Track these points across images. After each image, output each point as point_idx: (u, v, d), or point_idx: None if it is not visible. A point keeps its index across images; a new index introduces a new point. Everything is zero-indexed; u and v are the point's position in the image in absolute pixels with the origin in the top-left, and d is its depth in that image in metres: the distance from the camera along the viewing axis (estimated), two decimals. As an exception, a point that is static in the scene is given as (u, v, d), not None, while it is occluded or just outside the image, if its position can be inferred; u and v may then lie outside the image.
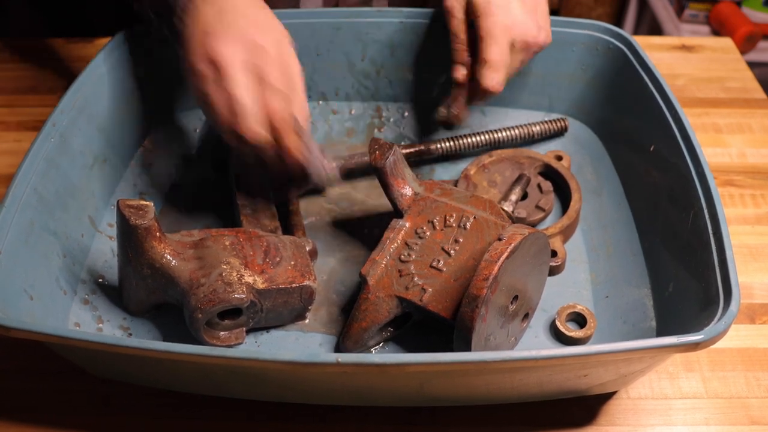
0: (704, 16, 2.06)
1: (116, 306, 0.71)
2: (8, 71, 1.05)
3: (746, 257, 0.78)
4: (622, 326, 0.68)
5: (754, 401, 0.66)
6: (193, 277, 0.65)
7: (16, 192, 0.66)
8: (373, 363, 0.53)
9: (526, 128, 0.86)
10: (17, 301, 0.62)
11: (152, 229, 0.64)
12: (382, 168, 0.70)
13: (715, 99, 1.00)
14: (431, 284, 0.65)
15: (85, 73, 0.78)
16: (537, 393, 0.63)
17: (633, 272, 0.72)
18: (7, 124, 0.97)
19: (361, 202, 0.83)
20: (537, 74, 0.88)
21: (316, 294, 0.69)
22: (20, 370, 0.69)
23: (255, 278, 0.66)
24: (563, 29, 0.85)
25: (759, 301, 0.74)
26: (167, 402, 0.66)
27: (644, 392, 0.67)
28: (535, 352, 0.52)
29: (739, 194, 0.86)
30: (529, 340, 0.69)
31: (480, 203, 0.70)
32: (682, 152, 0.70)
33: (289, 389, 0.62)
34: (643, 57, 0.80)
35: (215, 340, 0.65)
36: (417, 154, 0.85)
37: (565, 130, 0.87)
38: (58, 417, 0.65)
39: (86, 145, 0.77)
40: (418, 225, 0.69)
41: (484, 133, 0.86)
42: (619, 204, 0.79)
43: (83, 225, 0.74)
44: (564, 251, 0.75)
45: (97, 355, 0.60)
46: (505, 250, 0.60)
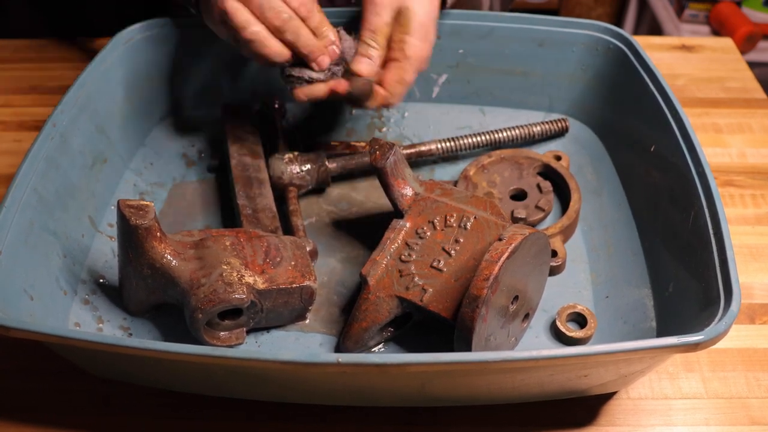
0: (704, 16, 2.07)
1: (116, 306, 0.71)
2: (8, 71, 1.05)
3: (746, 257, 0.78)
4: (622, 326, 0.68)
5: (754, 401, 0.66)
6: (194, 277, 0.65)
7: (16, 192, 0.66)
8: (374, 363, 0.53)
9: (527, 128, 0.86)
10: (17, 301, 0.61)
11: (153, 229, 0.64)
12: (382, 168, 0.70)
13: (716, 99, 1.00)
14: (432, 284, 0.65)
15: (85, 74, 0.78)
16: (537, 393, 0.63)
17: (633, 272, 0.72)
18: (7, 124, 0.97)
19: (361, 203, 0.83)
20: (537, 74, 0.88)
21: (316, 294, 0.69)
22: (20, 370, 0.69)
23: (255, 278, 0.66)
24: (563, 29, 0.85)
25: (759, 302, 0.74)
26: (167, 402, 0.66)
27: (644, 392, 0.67)
28: (536, 352, 0.52)
29: (739, 194, 0.86)
30: (529, 341, 0.69)
31: (480, 203, 0.70)
32: (682, 152, 0.70)
33: (289, 389, 0.62)
34: (644, 57, 0.80)
35: (215, 340, 0.65)
36: (417, 155, 0.85)
37: (566, 131, 0.87)
38: (58, 417, 0.65)
39: (86, 145, 0.77)
40: (419, 225, 0.69)
41: (484, 133, 0.86)
42: (619, 204, 0.79)
43: (83, 225, 0.74)
44: (564, 251, 0.75)
45: (97, 355, 0.60)
46: (506, 250, 0.60)
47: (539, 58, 0.87)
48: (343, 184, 0.85)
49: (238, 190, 0.77)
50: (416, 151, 0.85)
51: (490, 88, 0.90)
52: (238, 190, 0.77)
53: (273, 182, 0.79)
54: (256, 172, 0.79)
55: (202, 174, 0.86)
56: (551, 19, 0.86)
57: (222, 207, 0.82)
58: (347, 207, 0.83)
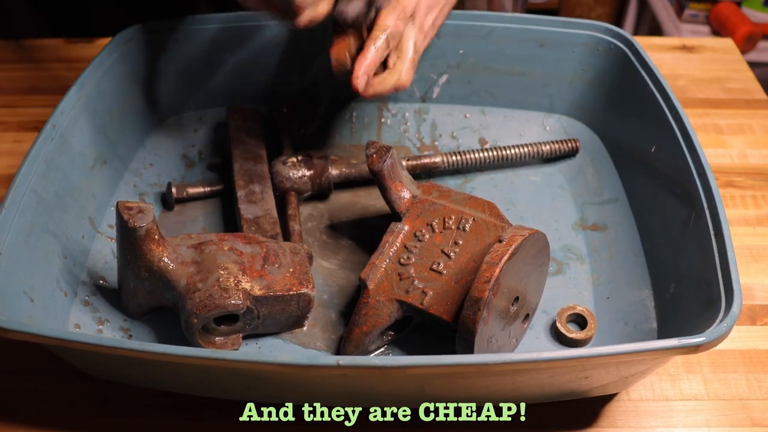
0: (704, 16, 2.07)
1: (116, 307, 0.71)
2: (8, 71, 1.05)
3: (747, 258, 0.78)
4: (623, 328, 0.68)
5: (755, 403, 0.66)
6: (191, 281, 0.64)
7: (15, 193, 0.65)
8: (374, 365, 0.52)
9: (536, 147, 0.85)
10: (17, 302, 0.61)
11: (151, 231, 0.64)
12: (379, 171, 0.70)
13: (716, 100, 1.00)
14: (432, 287, 0.65)
15: (86, 74, 0.78)
16: (538, 395, 0.63)
17: (634, 273, 0.72)
18: (7, 125, 0.97)
19: (359, 207, 0.83)
20: (537, 74, 0.88)
21: (314, 302, 0.68)
22: (20, 372, 0.69)
23: (252, 284, 0.65)
24: (563, 29, 0.85)
25: (760, 303, 0.74)
26: (167, 403, 0.66)
27: (645, 394, 0.67)
28: (536, 354, 0.52)
29: (740, 195, 0.86)
30: (529, 342, 0.69)
31: (478, 205, 0.70)
32: (683, 153, 0.70)
33: (289, 392, 0.62)
34: (644, 57, 0.80)
35: (211, 345, 0.65)
36: (422, 167, 0.84)
37: (577, 151, 0.86)
38: (58, 418, 0.65)
39: (86, 146, 0.77)
40: (417, 228, 0.69)
41: (493, 149, 0.85)
42: (620, 205, 0.79)
43: (83, 226, 0.74)
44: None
45: (97, 357, 0.60)
46: (506, 251, 0.60)
47: (540, 59, 0.87)
48: (345, 190, 0.85)
49: (239, 194, 0.77)
50: (421, 164, 0.84)
51: (491, 88, 0.90)
52: (239, 194, 0.77)
53: (274, 186, 0.79)
54: (258, 176, 0.79)
55: (202, 175, 0.86)
56: (552, 19, 0.86)
57: (223, 210, 0.82)
58: (345, 210, 0.82)
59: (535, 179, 0.86)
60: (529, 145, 0.85)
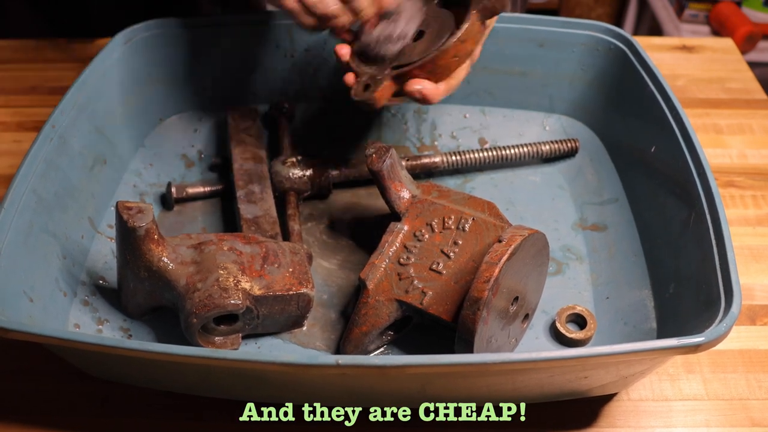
0: (704, 16, 2.07)
1: (116, 307, 0.71)
2: (8, 71, 1.05)
3: (747, 258, 0.78)
4: (622, 327, 0.68)
5: (755, 403, 0.66)
6: (190, 281, 0.64)
7: (15, 193, 0.65)
8: (374, 365, 0.53)
9: (536, 147, 0.85)
10: (17, 302, 0.61)
11: (150, 231, 0.64)
12: (378, 171, 0.70)
13: (716, 100, 1.00)
14: (431, 287, 0.65)
15: (85, 74, 0.78)
16: (537, 395, 0.63)
17: (634, 273, 0.72)
18: (6, 125, 0.97)
19: (359, 207, 0.83)
20: (537, 74, 0.88)
21: (313, 302, 0.68)
22: (20, 372, 0.69)
23: (252, 284, 0.65)
24: (563, 29, 0.85)
25: (760, 303, 0.74)
26: (167, 403, 0.66)
27: (645, 394, 0.67)
28: (536, 354, 0.52)
29: (739, 195, 0.86)
30: (529, 342, 0.69)
31: (478, 205, 0.70)
32: (683, 153, 0.70)
33: (289, 392, 0.62)
34: (644, 57, 0.80)
35: (211, 345, 0.65)
36: (421, 167, 0.84)
37: (576, 151, 0.86)
38: (58, 418, 0.65)
39: (86, 146, 0.76)
40: (417, 228, 0.69)
41: (493, 149, 0.85)
42: (620, 205, 0.79)
43: (83, 226, 0.74)
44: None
45: (97, 357, 0.60)
46: (506, 251, 0.60)
47: (539, 59, 0.87)
48: (344, 190, 0.85)
49: (238, 194, 0.77)
50: (420, 164, 0.84)
51: (491, 88, 0.90)
52: (239, 194, 0.77)
53: (274, 185, 0.79)
54: (258, 176, 0.79)
55: (201, 175, 0.86)
56: (551, 19, 0.86)
57: (222, 210, 0.82)
58: (345, 210, 0.82)
59: (535, 179, 0.86)
60: (529, 145, 0.85)
